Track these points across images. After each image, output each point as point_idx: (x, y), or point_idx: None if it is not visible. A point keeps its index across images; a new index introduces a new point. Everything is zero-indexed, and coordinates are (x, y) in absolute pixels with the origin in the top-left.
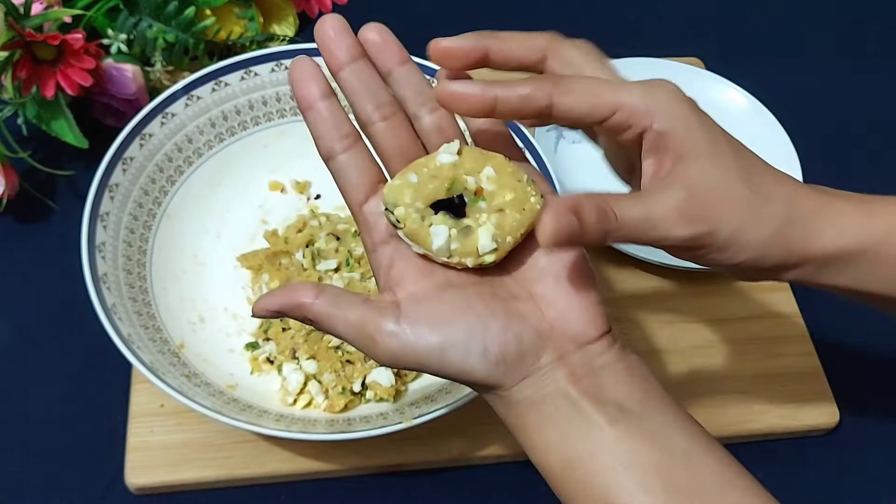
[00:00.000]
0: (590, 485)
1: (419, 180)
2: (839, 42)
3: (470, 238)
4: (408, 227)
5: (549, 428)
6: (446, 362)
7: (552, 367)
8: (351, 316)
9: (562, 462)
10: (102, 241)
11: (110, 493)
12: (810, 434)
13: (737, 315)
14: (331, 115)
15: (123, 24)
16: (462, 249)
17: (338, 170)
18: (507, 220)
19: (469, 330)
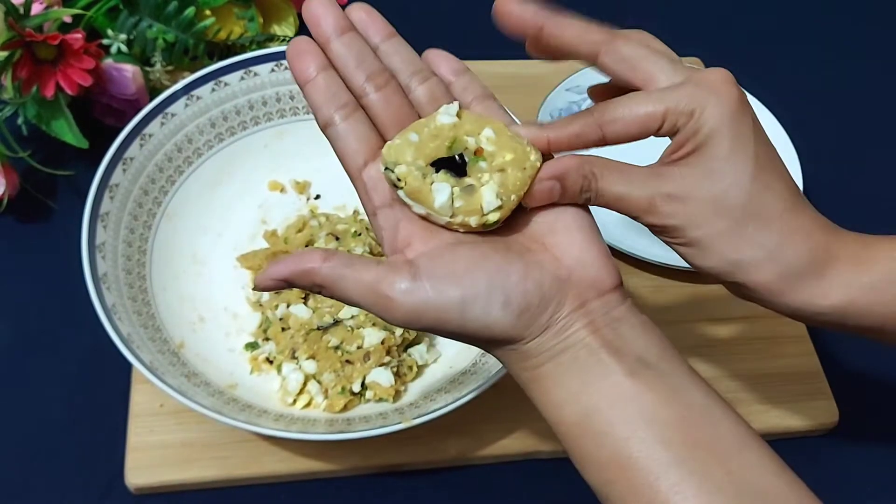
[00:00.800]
0: (608, 436)
1: (420, 140)
2: (839, 42)
3: (473, 196)
4: (409, 185)
5: (568, 378)
6: (467, 317)
7: (573, 316)
8: (365, 276)
9: (579, 414)
10: (102, 241)
11: (110, 493)
12: (810, 434)
13: (737, 315)
14: (328, 86)
15: (123, 24)
16: (466, 208)
17: (336, 137)
18: (509, 179)
19: (489, 281)
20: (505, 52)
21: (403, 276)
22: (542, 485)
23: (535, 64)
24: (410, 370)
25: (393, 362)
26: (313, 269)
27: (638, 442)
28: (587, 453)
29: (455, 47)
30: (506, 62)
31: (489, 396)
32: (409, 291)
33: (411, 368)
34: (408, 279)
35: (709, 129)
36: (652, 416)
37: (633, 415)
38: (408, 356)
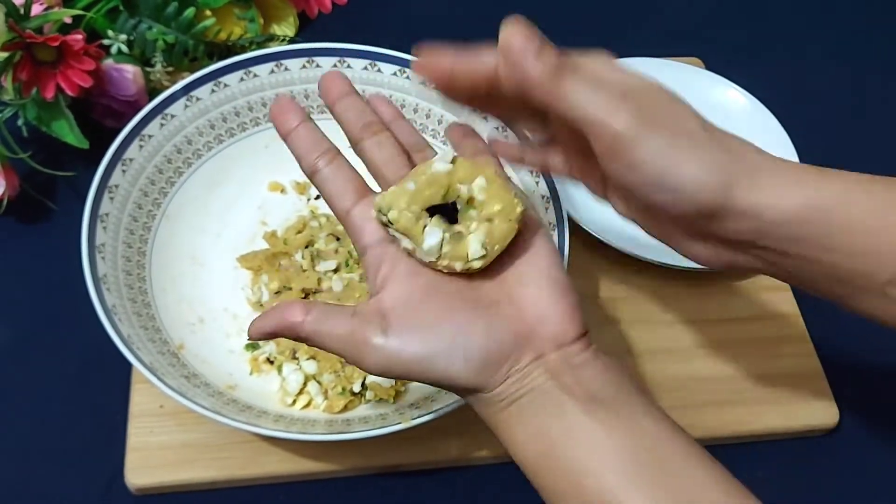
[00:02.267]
0: (565, 471)
1: (417, 187)
2: (839, 42)
3: (460, 244)
4: (401, 224)
5: (527, 420)
6: (431, 370)
7: (532, 366)
8: (339, 330)
9: (539, 453)
10: (102, 242)
11: (110, 493)
12: (810, 434)
13: (737, 315)
14: (309, 135)
15: (123, 25)
16: (452, 253)
17: (323, 181)
18: (495, 230)
19: (452, 338)
20: None
21: (375, 332)
22: None
23: None
24: None
25: None
26: (295, 324)
27: (591, 473)
28: (550, 487)
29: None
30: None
31: None
32: (378, 347)
33: None
34: (378, 334)
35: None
36: (603, 447)
37: (586, 449)
38: None
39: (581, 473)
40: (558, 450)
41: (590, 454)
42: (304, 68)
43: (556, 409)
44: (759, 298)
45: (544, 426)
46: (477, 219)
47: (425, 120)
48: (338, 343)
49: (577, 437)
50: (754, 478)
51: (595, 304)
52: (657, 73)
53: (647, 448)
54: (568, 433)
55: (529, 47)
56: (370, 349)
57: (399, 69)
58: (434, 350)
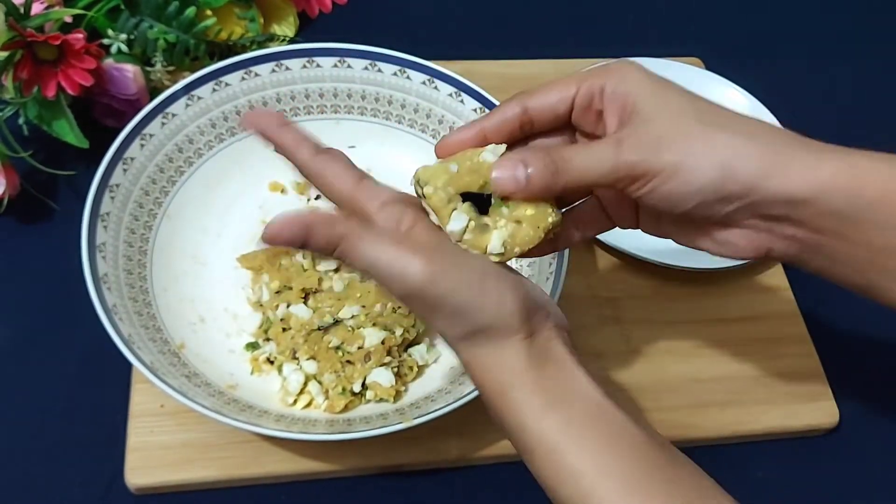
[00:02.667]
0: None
1: (458, 170)
2: (839, 42)
3: (483, 236)
4: (432, 201)
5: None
6: (486, 289)
7: (553, 332)
8: (387, 237)
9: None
10: (103, 242)
11: (110, 493)
12: (810, 434)
13: (737, 315)
14: (294, 136)
15: (124, 24)
16: (472, 241)
17: (320, 168)
18: (520, 233)
19: (486, 276)
20: (505, 53)
21: (417, 249)
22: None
23: (536, 64)
24: (411, 370)
25: (393, 363)
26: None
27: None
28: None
29: (455, 47)
30: (507, 62)
31: None
32: (421, 264)
33: (412, 369)
34: (421, 252)
35: (634, 87)
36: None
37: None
38: (408, 356)
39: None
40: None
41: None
42: (304, 68)
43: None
44: (760, 299)
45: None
46: (506, 217)
47: (426, 120)
48: (381, 249)
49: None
50: (754, 478)
51: (595, 304)
52: (657, 73)
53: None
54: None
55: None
56: (413, 265)
57: (399, 69)
58: (471, 279)
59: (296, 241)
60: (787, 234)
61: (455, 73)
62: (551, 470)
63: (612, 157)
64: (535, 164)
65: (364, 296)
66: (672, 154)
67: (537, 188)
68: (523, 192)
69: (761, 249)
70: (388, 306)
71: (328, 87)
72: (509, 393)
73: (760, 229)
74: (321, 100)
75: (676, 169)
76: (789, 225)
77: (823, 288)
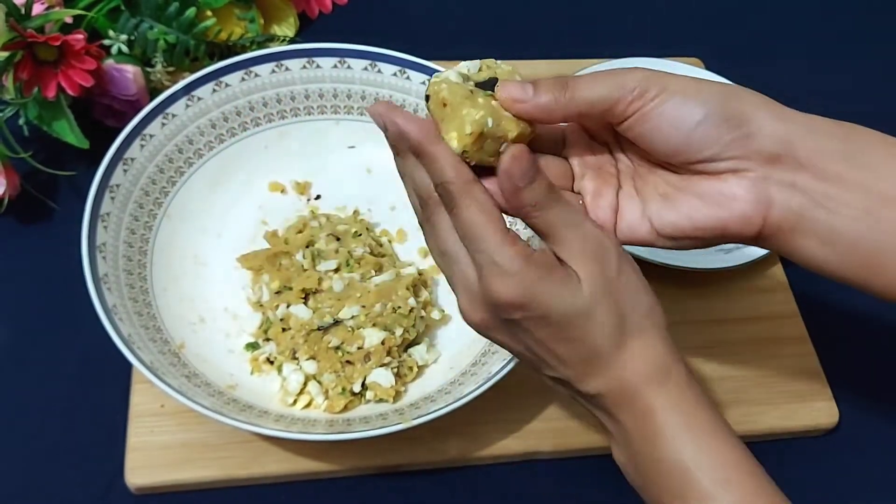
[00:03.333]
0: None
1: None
2: (839, 42)
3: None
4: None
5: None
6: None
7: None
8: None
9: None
10: (103, 242)
11: (110, 493)
12: (810, 434)
13: (737, 315)
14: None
15: (124, 25)
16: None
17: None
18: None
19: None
20: (505, 53)
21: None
22: (542, 485)
23: (536, 64)
24: (411, 371)
25: (393, 363)
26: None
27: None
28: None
29: (456, 47)
30: (506, 62)
31: (489, 397)
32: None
33: (411, 369)
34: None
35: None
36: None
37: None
38: (408, 357)
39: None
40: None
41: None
42: (304, 68)
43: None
44: (759, 299)
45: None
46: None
47: None
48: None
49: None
50: None
51: None
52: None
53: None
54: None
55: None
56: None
57: (399, 69)
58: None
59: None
60: (787, 181)
61: None
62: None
63: (621, 75)
64: (543, 83)
65: (364, 296)
66: (680, 76)
67: (545, 100)
68: (531, 104)
69: (762, 200)
70: (388, 306)
71: (328, 88)
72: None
73: (759, 175)
74: (321, 100)
75: (683, 85)
76: (788, 168)
77: (823, 288)
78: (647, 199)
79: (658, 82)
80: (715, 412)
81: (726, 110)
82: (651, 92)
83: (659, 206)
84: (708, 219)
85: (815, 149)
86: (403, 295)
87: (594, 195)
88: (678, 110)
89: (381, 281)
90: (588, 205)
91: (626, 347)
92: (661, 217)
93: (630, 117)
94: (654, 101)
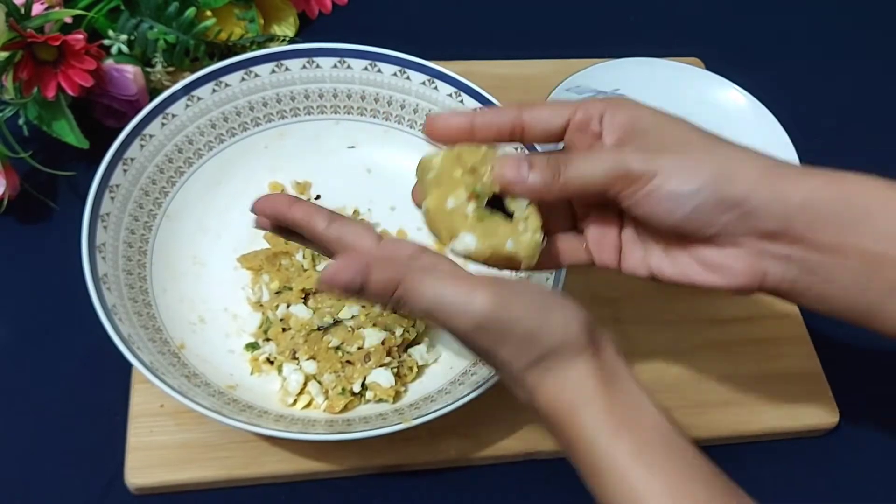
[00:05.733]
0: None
1: (461, 155)
2: (839, 42)
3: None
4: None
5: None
6: (550, 312)
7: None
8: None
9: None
10: (103, 242)
11: (110, 493)
12: (810, 434)
13: (737, 315)
14: (305, 209)
15: (124, 25)
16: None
17: (339, 233)
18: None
19: (556, 294)
20: (505, 53)
21: (482, 283)
22: (542, 485)
23: (536, 64)
24: (410, 371)
25: (393, 363)
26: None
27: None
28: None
29: (456, 47)
30: (507, 62)
31: (489, 397)
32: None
33: (411, 369)
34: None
35: (628, 116)
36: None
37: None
38: (408, 357)
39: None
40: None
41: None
42: (304, 68)
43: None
44: (759, 298)
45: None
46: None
47: None
48: (439, 290)
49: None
50: (754, 478)
51: (595, 304)
52: (657, 73)
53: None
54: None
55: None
56: (477, 296)
57: (399, 69)
58: (535, 302)
59: (353, 287)
60: (782, 254)
61: (455, 74)
62: (621, 494)
63: (614, 157)
64: (538, 162)
65: None
66: (673, 154)
67: (538, 183)
68: (523, 185)
69: (757, 273)
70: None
71: (328, 88)
72: (580, 412)
73: (755, 250)
74: (321, 100)
75: (677, 168)
76: (784, 243)
77: None
78: (649, 247)
79: (651, 164)
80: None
81: (721, 193)
82: (644, 177)
83: (660, 258)
84: (705, 281)
85: (811, 221)
86: None
87: (598, 241)
88: (671, 199)
89: None
90: (592, 248)
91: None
92: (660, 268)
93: (624, 202)
94: (647, 187)
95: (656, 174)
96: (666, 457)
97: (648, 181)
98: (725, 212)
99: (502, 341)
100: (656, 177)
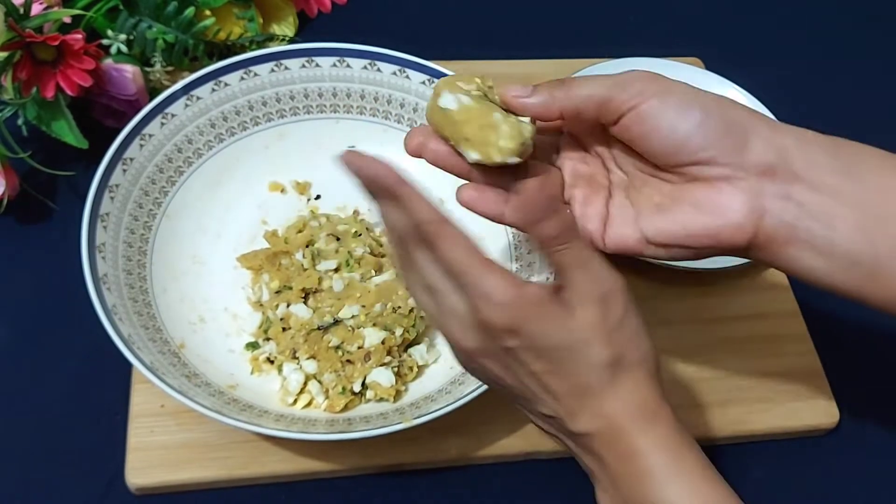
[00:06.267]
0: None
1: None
2: (839, 42)
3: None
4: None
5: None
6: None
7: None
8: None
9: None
10: (103, 242)
11: (110, 493)
12: (810, 434)
13: (737, 315)
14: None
15: (123, 24)
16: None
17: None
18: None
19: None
20: (505, 53)
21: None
22: (542, 485)
23: (536, 64)
24: (411, 370)
25: (393, 362)
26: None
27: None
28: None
29: (456, 47)
30: (506, 62)
31: (489, 396)
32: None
33: (412, 369)
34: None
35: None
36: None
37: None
38: (408, 356)
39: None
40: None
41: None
42: (304, 68)
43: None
44: (760, 298)
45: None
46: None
47: (425, 120)
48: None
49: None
50: (754, 478)
51: None
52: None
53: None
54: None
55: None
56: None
57: (398, 68)
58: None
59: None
60: (781, 192)
61: (454, 73)
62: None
63: (619, 77)
64: (542, 83)
65: (364, 296)
66: (676, 83)
67: (543, 95)
68: (527, 100)
69: (755, 209)
70: (388, 306)
71: (327, 87)
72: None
73: (753, 188)
74: (320, 99)
75: (680, 90)
76: (782, 179)
77: None
78: (641, 208)
79: (658, 83)
80: (701, 454)
81: (726, 116)
82: (651, 90)
83: (653, 215)
84: (701, 227)
85: (810, 161)
86: (403, 295)
87: (583, 203)
88: (678, 111)
89: (381, 281)
90: (576, 213)
91: (617, 386)
92: (654, 226)
93: (627, 114)
94: (653, 99)
95: (664, 91)
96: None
97: (654, 96)
98: (727, 134)
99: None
100: (664, 93)
